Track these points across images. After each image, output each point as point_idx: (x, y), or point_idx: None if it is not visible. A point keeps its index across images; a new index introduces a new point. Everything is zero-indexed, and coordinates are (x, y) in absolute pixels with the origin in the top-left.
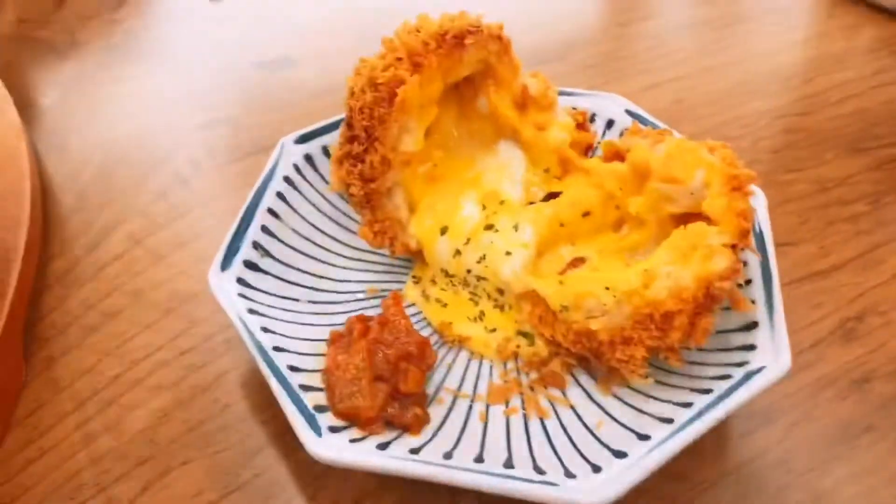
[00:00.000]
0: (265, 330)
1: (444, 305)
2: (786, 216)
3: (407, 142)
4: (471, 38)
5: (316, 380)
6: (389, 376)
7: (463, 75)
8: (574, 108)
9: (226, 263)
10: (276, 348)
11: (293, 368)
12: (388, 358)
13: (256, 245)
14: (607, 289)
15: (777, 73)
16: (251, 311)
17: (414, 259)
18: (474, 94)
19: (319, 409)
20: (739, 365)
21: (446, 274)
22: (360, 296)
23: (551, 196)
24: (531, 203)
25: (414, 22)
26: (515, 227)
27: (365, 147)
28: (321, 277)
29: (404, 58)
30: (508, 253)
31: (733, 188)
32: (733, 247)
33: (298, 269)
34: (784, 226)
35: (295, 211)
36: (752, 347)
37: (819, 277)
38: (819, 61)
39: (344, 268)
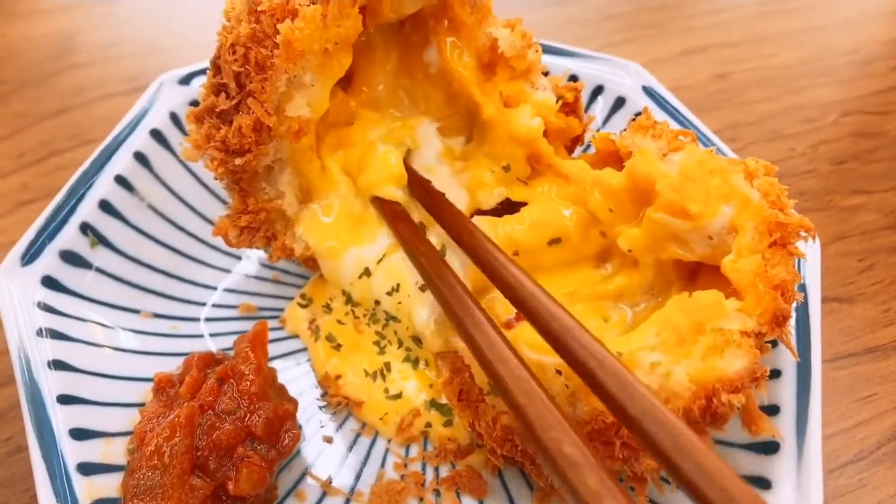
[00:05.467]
0: (59, 366)
1: (337, 347)
2: (842, 258)
3: (298, 103)
4: None
5: (119, 449)
6: (215, 467)
7: (406, 12)
8: (567, 79)
9: (31, 254)
10: (66, 398)
11: (82, 434)
12: (218, 440)
13: (87, 228)
14: (559, 373)
15: (857, 51)
16: (50, 334)
17: (307, 269)
18: (424, 40)
19: None
20: None
21: (348, 299)
22: (229, 313)
23: (508, 208)
24: (475, 214)
25: None
26: (442, 250)
27: (235, 103)
28: (177, 279)
29: None
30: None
31: (774, 242)
32: (758, 336)
33: (146, 265)
34: (837, 272)
35: (158, 179)
36: (764, 485)
37: (875, 356)
38: None
39: (213, 267)
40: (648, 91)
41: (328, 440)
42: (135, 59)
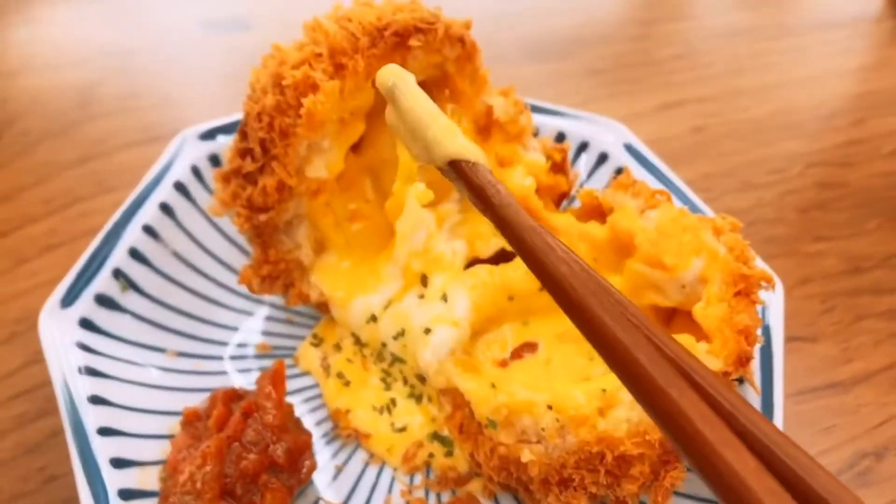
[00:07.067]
0: (97, 401)
1: (347, 384)
2: (805, 301)
3: (317, 166)
4: (419, 37)
5: (152, 476)
6: (242, 493)
7: None
8: (554, 142)
9: (70, 298)
10: (105, 430)
11: (120, 463)
12: (245, 468)
13: (118, 274)
14: (550, 408)
15: (821, 106)
16: (88, 371)
17: (319, 312)
18: None
19: None
20: None
21: (357, 340)
22: (247, 352)
23: (502, 256)
24: (474, 262)
25: (348, 6)
26: (444, 297)
27: (260, 166)
28: (200, 320)
29: (324, 55)
30: (428, 331)
31: (738, 292)
32: (725, 374)
33: (171, 308)
34: (801, 313)
35: (182, 228)
36: None
37: (836, 391)
38: (874, 98)
39: (232, 309)
40: (629, 148)
41: (339, 469)
42: (151, 110)
